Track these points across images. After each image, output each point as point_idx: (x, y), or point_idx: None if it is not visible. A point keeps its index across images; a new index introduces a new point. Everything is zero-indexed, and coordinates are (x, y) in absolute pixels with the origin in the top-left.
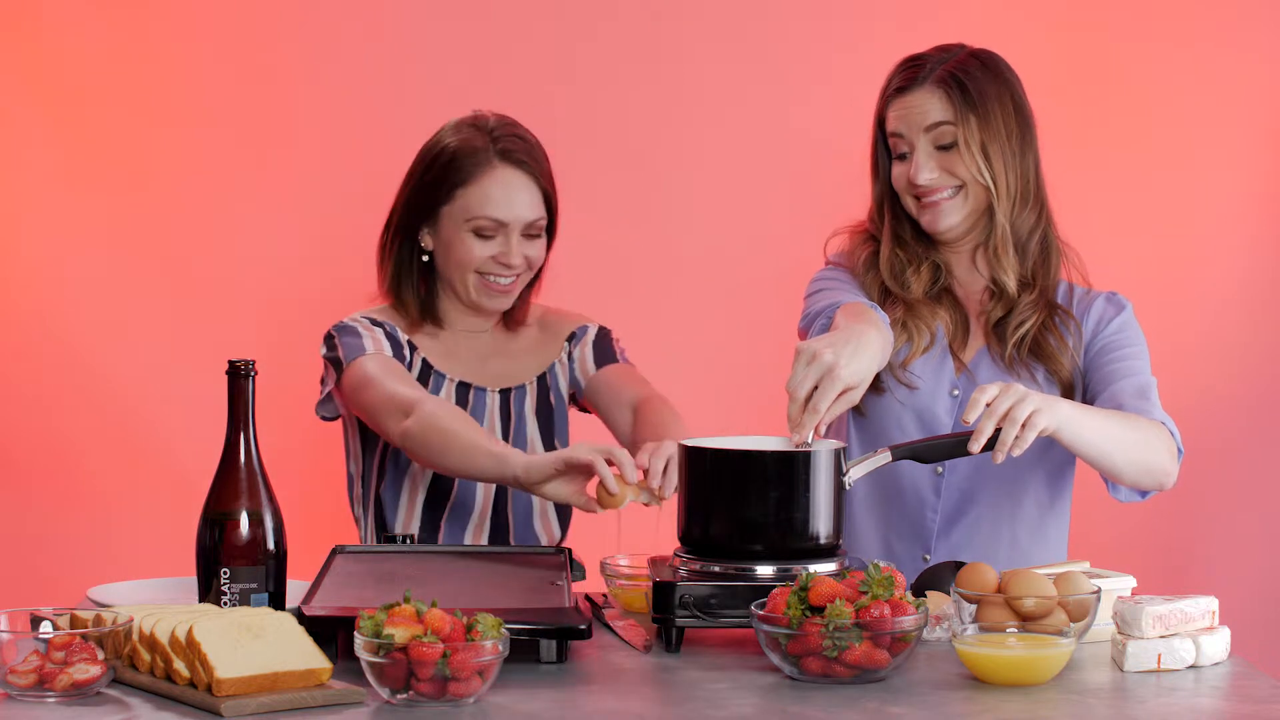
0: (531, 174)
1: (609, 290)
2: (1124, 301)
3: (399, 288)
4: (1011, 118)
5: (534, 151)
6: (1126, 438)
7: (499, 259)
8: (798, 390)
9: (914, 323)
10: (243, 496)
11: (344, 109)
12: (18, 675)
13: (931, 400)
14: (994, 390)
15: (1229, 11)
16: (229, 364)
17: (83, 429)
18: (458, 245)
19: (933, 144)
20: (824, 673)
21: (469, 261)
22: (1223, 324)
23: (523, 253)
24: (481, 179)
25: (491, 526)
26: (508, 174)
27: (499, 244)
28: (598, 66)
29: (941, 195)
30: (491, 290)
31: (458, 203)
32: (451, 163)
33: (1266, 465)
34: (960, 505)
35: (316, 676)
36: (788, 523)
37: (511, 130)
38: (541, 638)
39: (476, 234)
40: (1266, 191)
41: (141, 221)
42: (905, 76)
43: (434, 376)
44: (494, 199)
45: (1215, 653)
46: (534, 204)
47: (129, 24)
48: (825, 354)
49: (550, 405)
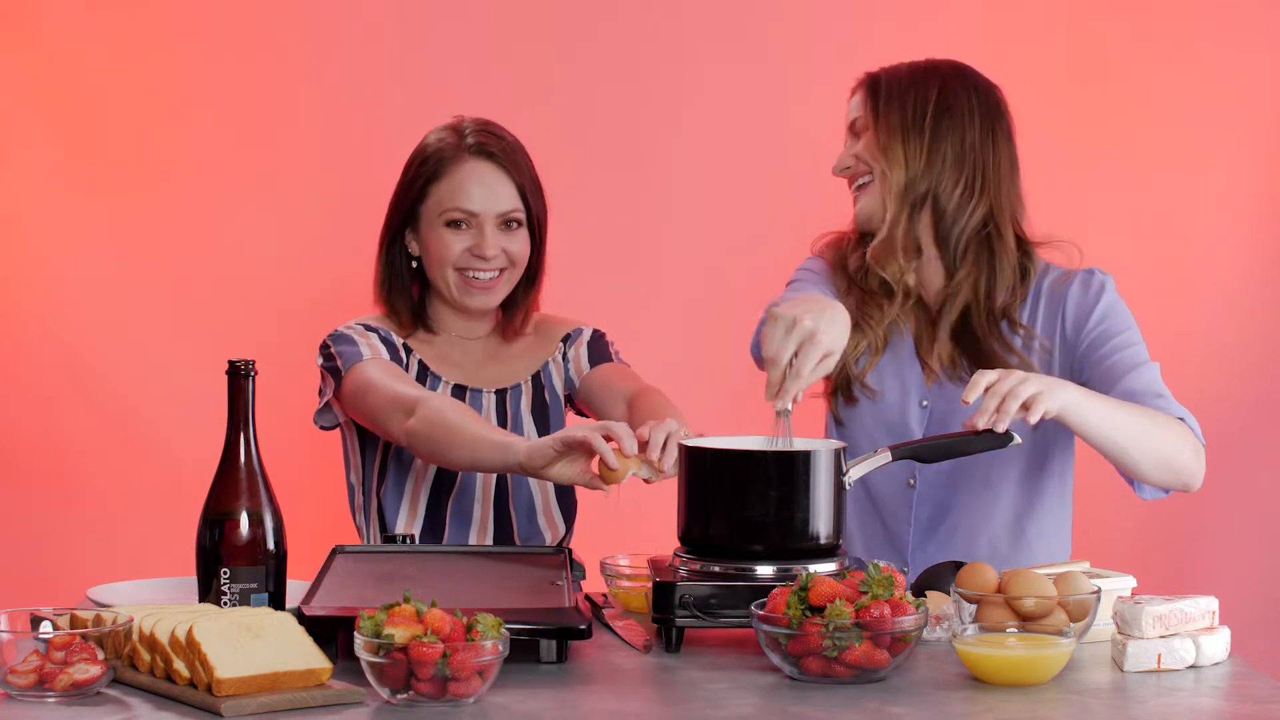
0: (503, 166)
1: (607, 290)
2: (1103, 278)
3: (389, 295)
4: (929, 102)
5: (508, 147)
6: (1139, 428)
7: (474, 251)
8: (780, 355)
9: (864, 321)
10: (243, 496)
11: (344, 109)
12: (18, 675)
13: (901, 412)
14: (994, 374)
15: (1229, 11)
16: (229, 364)
17: (83, 429)
18: (434, 241)
19: (854, 137)
20: (824, 673)
21: (446, 257)
22: (1223, 324)
23: (499, 245)
24: (453, 172)
25: (495, 524)
26: (479, 166)
27: (473, 236)
28: (597, 66)
29: (858, 184)
30: (471, 287)
31: (431, 199)
32: (425, 162)
33: (1266, 465)
34: (934, 517)
35: (316, 676)
36: (788, 523)
37: (485, 128)
38: (541, 638)
39: (450, 226)
40: (1266, 191)
41: (142, 221)
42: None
43: (430, 379)
44: (464, 190)
45: (1215, 653)
46: (507, 196)
47: (129, 24)
48: (805, 320)
49: (545, 403)
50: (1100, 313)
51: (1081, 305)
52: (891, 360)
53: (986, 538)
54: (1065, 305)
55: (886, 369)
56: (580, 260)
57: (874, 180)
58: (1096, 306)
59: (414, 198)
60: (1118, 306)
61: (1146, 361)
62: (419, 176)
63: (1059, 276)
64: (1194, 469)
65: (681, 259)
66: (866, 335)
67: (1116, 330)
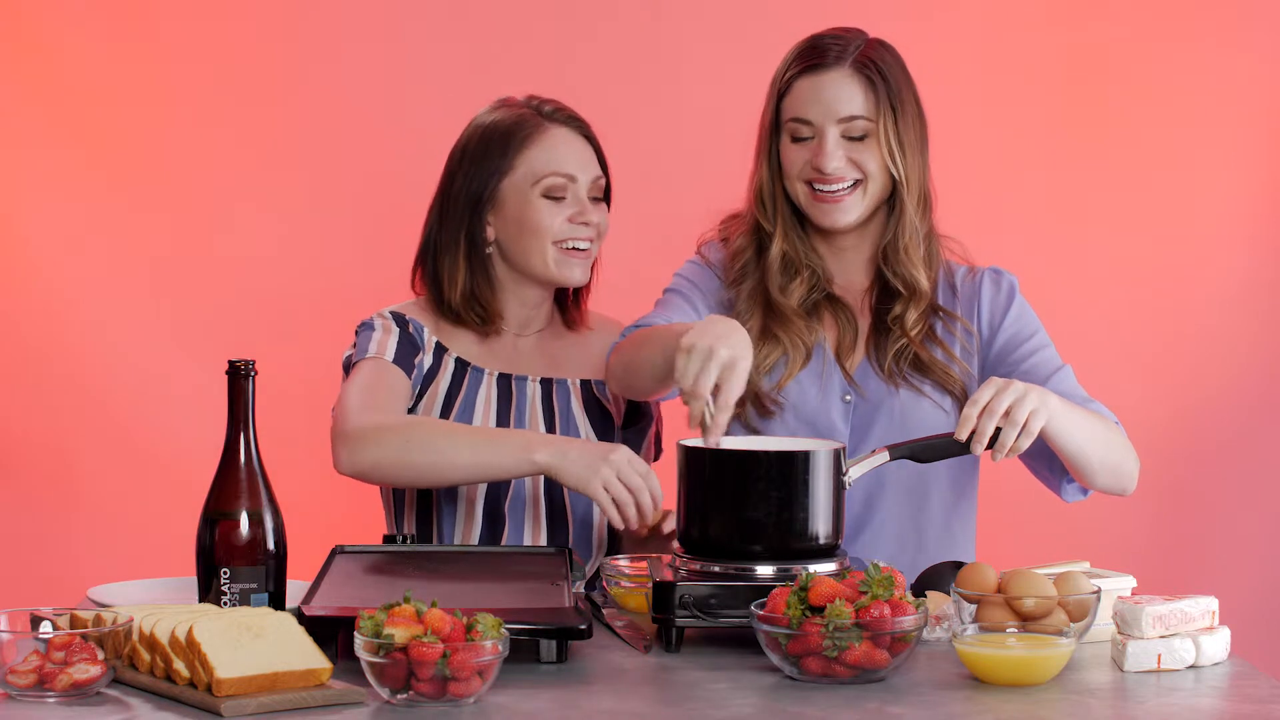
0: (585, 134)
1: (605, 291)
2: (1011, 278)
3: (474, 293)
4: (918, 116)
5: (580, 117)
6: (1101, 436)
7: (576, 218)
8: (701, 388)
9: (790, 338)
10: (243, 496)
11: (345, 110)
12: (18, 675)
13: (825, 410)
14: (989, 392)
15: (1229, 11)
16: (229, 364)
17: (83, 429)
18: (530, 215)
19: (843, 134)
20: (824, 673)
21: (545, 230)
22: (1223, 324)
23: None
24: (541, 138)
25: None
26: (565, 132)
27: (571, 204)
28: (597, 66)
29: (842, 187)
30: (572, 258)
31: (520, 170)
32: (505, 135)
33: (1266, 465)
34: (864, 512)
35: (316, 676)
36: (788, 523)
37: (549, 99)
38: (541, 638)
39: (548, 196)
40: (1266, 191)
41: (141, 222)
42: (815, 56)
43: (471, 373)
44: (560, 154)
45: (1215, 653)
46: (594, 161)
47: (129, 24)
48: (721, 350)
49: (607, 411)
50: (1014, 313)
51: (995, 302)
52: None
53: (915, 536)
54: (980, 301)
55: (804, 372)
56: None
57: (861, 185)
58: (1010, 307)
59: (498, 173)
60: (1027, 307)
61: (1062, 364)
62: (504, 150)
63: (966, 272)
64: (1134, 473)
65: (681, 259)
66: (791, 353)
67: (1030, 332)
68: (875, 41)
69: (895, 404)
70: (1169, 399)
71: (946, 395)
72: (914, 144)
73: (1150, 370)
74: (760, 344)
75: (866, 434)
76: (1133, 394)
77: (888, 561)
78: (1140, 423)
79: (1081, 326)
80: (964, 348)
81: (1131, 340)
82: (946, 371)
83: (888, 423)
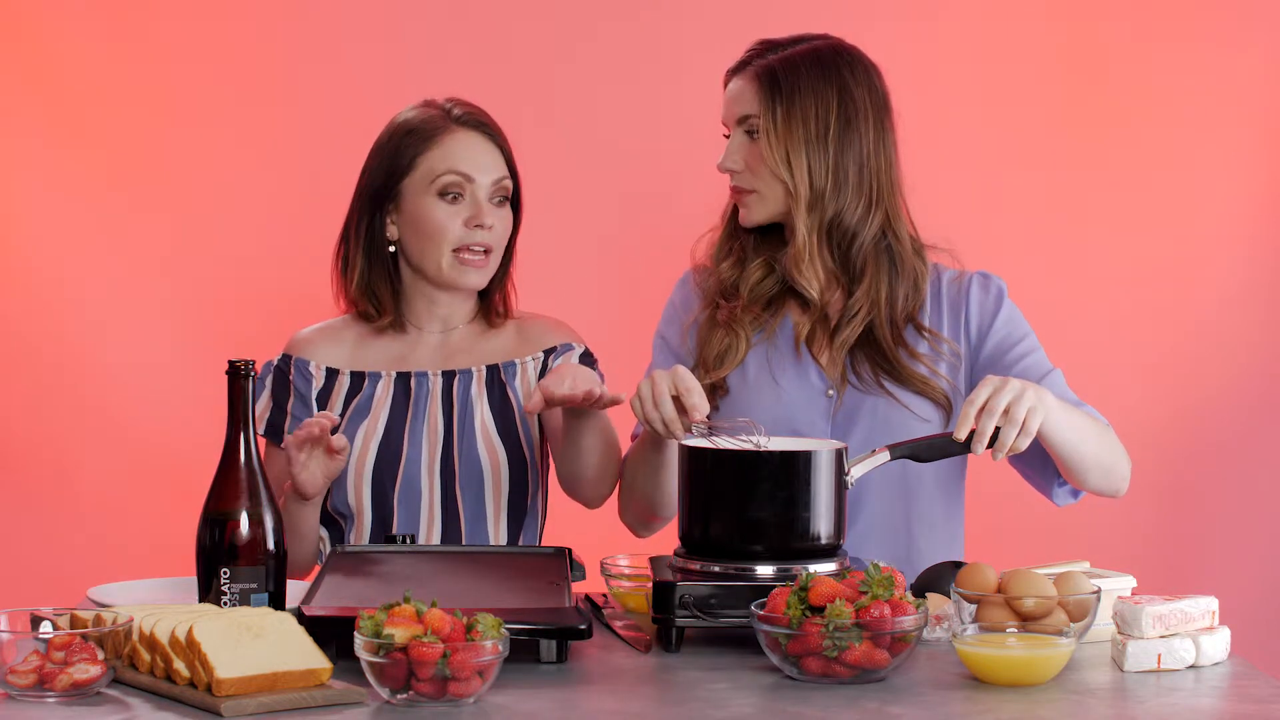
0: (490, 137)
1: (604, 291)
2: (999, 282)
3: (371, 286)
4: (831, 113)
5: (491, 120)
6: (1095, 436)
7: (471, 221)
8: (663, 400)
9: (733, 327)
10: (243, 496)
11: (344, 110)
12: (18, 675)
13: (807, 408)
14: (987, 390)
15: (1229, 11)
16: (229, 364)
17: (83, 429)
18: (426, 216)
19: (745, 134)
20: (824, 673)
21: (441, 233)
22: (1223, 324)
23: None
24: (442, 140)
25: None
26: (468, 134)
27: (468, 206)
28: (597, 66)
29: (742, 185)
30: (467, 264)
31: (420, 169)
32: (409, 135)
33: (1266, 465)
34: (852, 512)
35: (316, 676)
36: (788, 523)
37: (465, 102)
38: (541, 638)
39: (443, 196)
40: (1266, 191)
41: (141, 221)
42: (735, 63)
43: (368, 379)
44: (457, 155)
45: (1215, 653)
46: (498, 164)
47: (129, 24)
48: (659, 373)
49: (506, 397)
50: (1004, 317)
51: (984, 307)
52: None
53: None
54: (968, 307)
55: (781, 364)
56: (580, 260)
57: (763, 187)
58: (1000, 311)
59: (397, 172)
60: (1016, 311)
61: (1052, 368)
62: (404, 148)
63: (954, 277)
64: (1126, 474)
65: (679, 259)
66: (733, 344)
67: (1020, 336)
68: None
69: (877, 403)
70: (1169, 399)
71: (928, 403)
72: (814, 144)
73: (1150, 370)
74: (709, 332)
75: (848, 432)
76: (1133, 394)
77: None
78: (1140, 423)
79: (1081, 326)
80: (952, 353)
81: (1131, 340)
82: (928, 382)
83: (870, 421)
